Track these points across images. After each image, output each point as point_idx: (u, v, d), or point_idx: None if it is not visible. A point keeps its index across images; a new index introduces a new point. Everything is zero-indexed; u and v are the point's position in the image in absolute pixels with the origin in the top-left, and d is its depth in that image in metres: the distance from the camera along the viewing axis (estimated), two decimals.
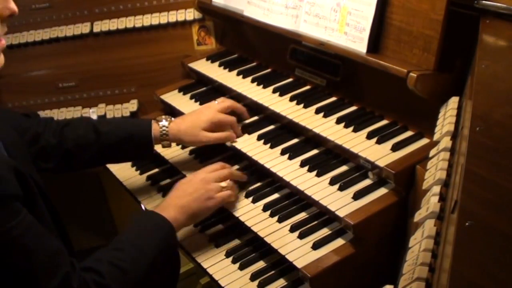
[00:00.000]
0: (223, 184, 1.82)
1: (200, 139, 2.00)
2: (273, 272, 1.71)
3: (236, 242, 1.85)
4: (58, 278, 1.39)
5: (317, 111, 2.00)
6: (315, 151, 1.93)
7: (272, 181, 1.94)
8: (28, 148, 1.87)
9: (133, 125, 2.02)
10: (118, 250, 1.57)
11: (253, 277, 1.69)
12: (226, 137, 2.03)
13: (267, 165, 1.90)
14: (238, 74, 2.36)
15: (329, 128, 1.91)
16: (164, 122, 1.99)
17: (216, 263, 1.77)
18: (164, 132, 1.98)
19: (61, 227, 1.67)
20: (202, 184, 1.79)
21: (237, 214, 1.83)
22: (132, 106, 2.65)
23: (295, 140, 2.00)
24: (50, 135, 1.94)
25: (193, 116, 2.05)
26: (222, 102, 2.11)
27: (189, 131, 1.99)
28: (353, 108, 2.00)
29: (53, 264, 1.41)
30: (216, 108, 2.06)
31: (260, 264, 1.75)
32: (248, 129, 2.10)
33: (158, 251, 1.60)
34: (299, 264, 1.60)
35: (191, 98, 2.40)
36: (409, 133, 1.82)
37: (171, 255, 1.68)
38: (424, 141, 1.78)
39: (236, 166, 2.05)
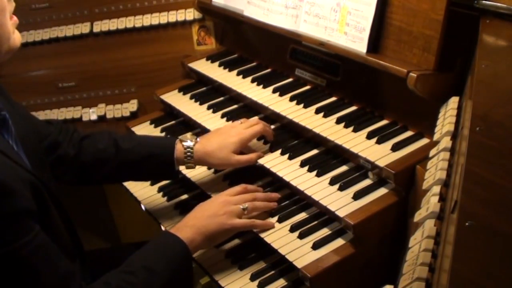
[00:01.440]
0: (244, 206, 1.73)
1: (231, 162, 1.88)
2: (273, 272, 1.71)
3: (236, 242, 1.84)
4: None
5: (317, 111, 2.00)
6: (315, 151, 1.93)
7: (272, 181, 1.94)
8: (46, 156, 1.79)
9: (155, 145, 1.92)
10: (129, 273, 1.51)
11: (253, 277, 1.69)
12: (257, 158, 1.92)
13: (267, 165, 1.90)
14: (238, 74, 2.36)
15: (329, 128, 1.91)
16: (189, 143, 1.87)
17: (216, 263, 1.77)
18: (189, 154, 1.86)
19: (73, 234, 1.65)
20: (222, 207, 1.71)
21: None
22: (132, 106, 2.65)
23: (295, 140, 2.00)
24: (69, 146, 1.87)
25: (220, 137, 1.92)
26: (251, 125, 1.96)
27: (217, 153, 1.87)
28: (353, 108, 2.00)
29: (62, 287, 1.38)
30: (242, 126, 1.95)
31: (260, 264, 1.75)
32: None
33: (171, 273, 1.54)
34: (299, 264, 1.60)
35: (191, 98, 2.40)
36: (409, 133, 1.82)
37: (184, 278, 1.61)
38: (424, 141, 1.78)
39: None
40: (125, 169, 1.90)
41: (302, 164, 1.86)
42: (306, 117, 1.99)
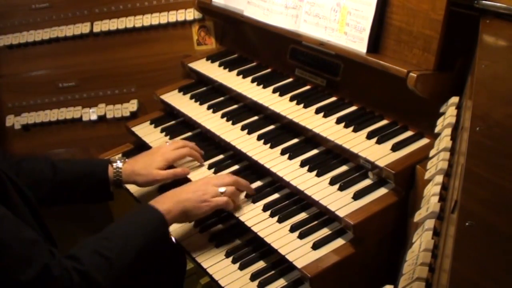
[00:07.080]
0: (222, 189, 1.80)
1: (154, 177, 1.97)
2: (273, 272, 1.70)
3: (236, 242, 1.84)
4: (36, 267, 1.39)
5: (317, 111, 2.00)
6: (315, 151, 1.93)
7: (272, 181, 1.94)
8: None
9: (89, 164, 2.01)
10: (104, 238, 1.59)
11: (253, 277, 1.69)
12: (181, 173, 2.03)
13: (267, 165, 1.90)
14: (238, 74, 2.36)
15: (329, 128, 1.91)
16: (118, 164, 1.98)
17: (216, 263, 1.77)
18: (118, 173, 1.96)
19: (41, 222, 1.66)
20: (202, 186, 1.80)
21: (237, 214, 1.83)
22: (132, 106, 2.65)
23: (295, 140, 2.00)
24: (7, 168, 1.84)
25: (146, 156, 2.04)
26: (178, 147, 2.06)
27: (142, 171, 1.97)
28: (353, 108, 2.00)
29: (29, 254, 1.41)
30: (169, 147, 2.05)
31: (260, 264, 1.75)
32: (248, 129, 2.10)
33: (146, 240, 1.62)
34: (299, 264, 1.60)
35: (191, 98, 2.40)
36: (409, 133, 1.82)
37: (161, 245, 1.68)
38: (424, 141, 1.78)
39: (237, 166, 2.05)
40: (61, 190, 1.94)
41: (302, 164, 1.86)
42: (306, 117, 1.99)
